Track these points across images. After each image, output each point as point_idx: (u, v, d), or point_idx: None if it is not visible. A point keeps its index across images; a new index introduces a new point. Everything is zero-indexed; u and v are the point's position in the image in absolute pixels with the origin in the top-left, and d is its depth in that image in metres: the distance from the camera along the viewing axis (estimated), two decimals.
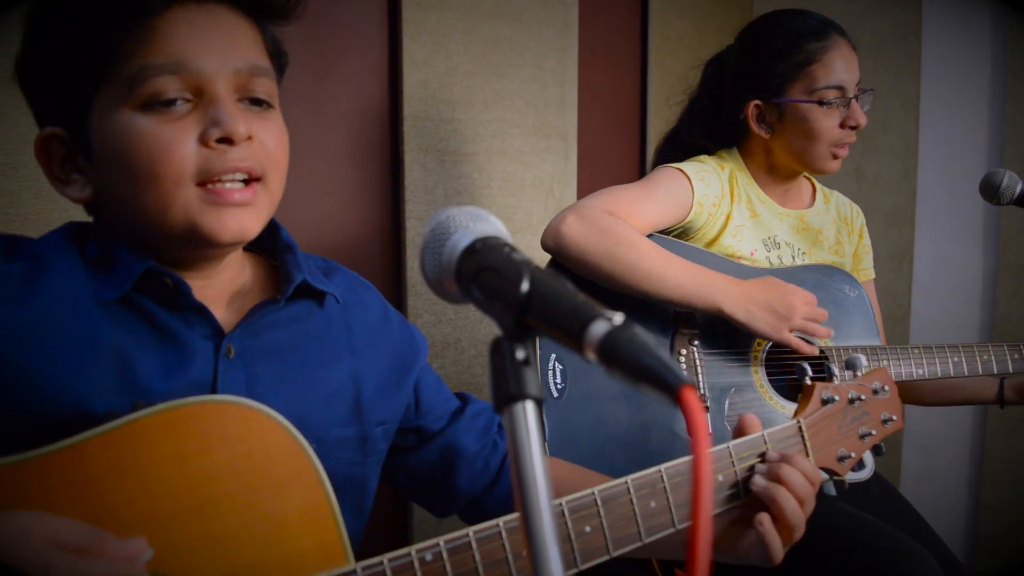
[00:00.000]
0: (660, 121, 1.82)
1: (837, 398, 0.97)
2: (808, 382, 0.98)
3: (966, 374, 1.54)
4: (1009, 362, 1.56)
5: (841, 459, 0.97)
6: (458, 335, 2.12)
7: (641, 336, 0.49)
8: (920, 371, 1.51)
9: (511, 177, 2.22)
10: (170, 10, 0.80)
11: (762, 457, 0.90)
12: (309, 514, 0.76)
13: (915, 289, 2.80)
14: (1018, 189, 1.41)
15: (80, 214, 0.97)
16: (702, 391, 1.41)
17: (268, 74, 0.86)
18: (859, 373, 1.01)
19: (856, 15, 2.82)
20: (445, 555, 0.73)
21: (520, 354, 0.53)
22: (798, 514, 0.88)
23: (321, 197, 1.95)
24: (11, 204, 1.46)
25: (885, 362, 1.48)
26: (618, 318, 0.50)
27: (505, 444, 1.07)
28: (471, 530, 0.76)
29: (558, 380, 1.35)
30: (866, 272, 1.77)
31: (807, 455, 0.95)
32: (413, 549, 0.73)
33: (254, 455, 0.74)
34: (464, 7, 2.08)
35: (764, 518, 0.89)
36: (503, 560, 0.75)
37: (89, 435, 0.70)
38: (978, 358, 1.54)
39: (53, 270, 0.81)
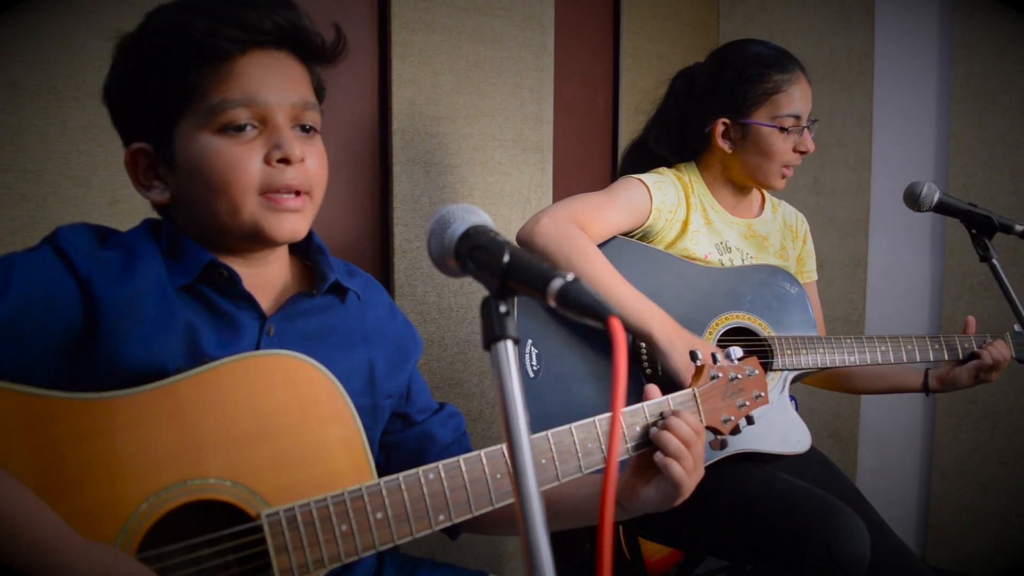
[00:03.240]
0: (631, 135, 1.96)
1: (720, 375, 1.21)
2: (699, 364, 1.22)
3: (892, 362, 1.71)
4: (930, 351, 1.74)
5: (724, 421, 1.21)
6: (442, 334, 2.26)
7: (585, 286, 0.67)
8: (852, 358, 1.68)
9: (491, 187, 2.36)
10: (245, 55, 0.98)
11: (662, 415, 1.12)
12: (345, 442, 0.96)
13: (869, 294, 2.97)
14: (935, 198, 1.59)
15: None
16: (661, 372, 1.58)
17: (315, 107, 1.05)
18: (735, 361, 1.24)
19: (814, 38, 3.02)
20: (442, 474, 0.95)
21: (503, 308, 0.70)
22: (681, 449, 1.06)
23: None
24: (37, 208, 1.59)
25: (822, 350, 1.66)
26: (570, 276, 0.68)
27: (468, 442, 1.25)
28: (460, 458, 0.96)
29: (534, 363, 1.51)
30: (809, 274, 1.94)
31: (699, 415, 1.18)
32: (419, 470, 0.94)
33: (304, 395, 0.94)
34: (448, 30, 2.21)
35: (658, 454, 1.08)
36: (483, 480, 0.96)
37: (181, 377, 0.89)
38: (903, 347, 1.72)
39: (141, 258, 0.98)
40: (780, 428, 1.60)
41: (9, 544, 0.75)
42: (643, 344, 1.59)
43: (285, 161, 0.99)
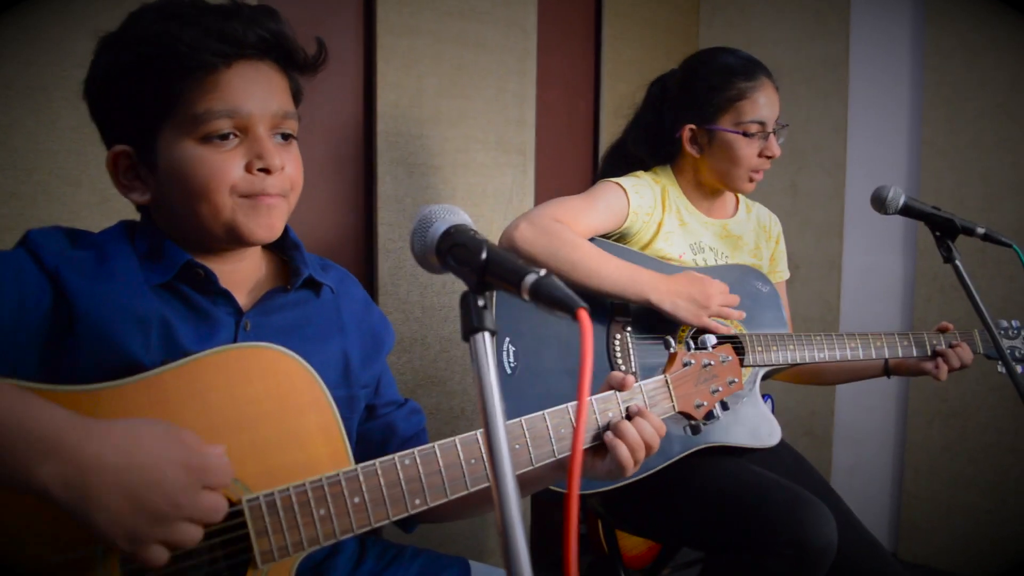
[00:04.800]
0: (611, 139, 2.01)
1: (693, 362, 1.25)
2: (672, 351, 1.26)
3: (861, 358, 1.76)
4: (899, 348, 1.79)
5: (697, 406, 1.25)
6: (424, 332, 2.30)
7: (556, 281, 0.72)
8: (822, 355, 1.73)
9: (474, 188, 2.40)
10: (229, 67, 1.00)
11: (627, 409, 1.16)
12: (323, 430, 0.99)
13: (843, 294, 3.04)
14: (901, 201, 1.64)
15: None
16: (634, 369, 1.63)
17: (294, 116, 1.08)
18: (709, 348, 1.28)
19: (791, 46, 3.09)
20: (418, 460, 0.98)
21: (480, 302, 0.75)
22: (637, 443, 1.12)
23: (301, 204, 2.12)
24: (26, 207, 1.61)
25: (792, 347, 1.71)
26: (543, 271, 0.73)
27: (425, 438, 1.28)
28: (436, 444, 1.00)
29: (511, 359, 1.56)
30: (780, 274, 1.99)
31: (672, 401, 1.22)
32: (395, 456, 0.97)
33: (282, 385, 0.97)
34: (433, 34, 2.25)
35: (609, 434, 1.12)
36: (458, 464, 1.00)
37: (163, 369, 0.92)
38: (872, 344, 1.77)
39: (114, 257, 1.01)
40: (750, 422, 1.66)
41: (32, 448, 0.75)
42: (616, 338, 1.64)
43: (265, 171, 1.02)
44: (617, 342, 1.64)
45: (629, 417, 1.14)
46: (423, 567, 1.24)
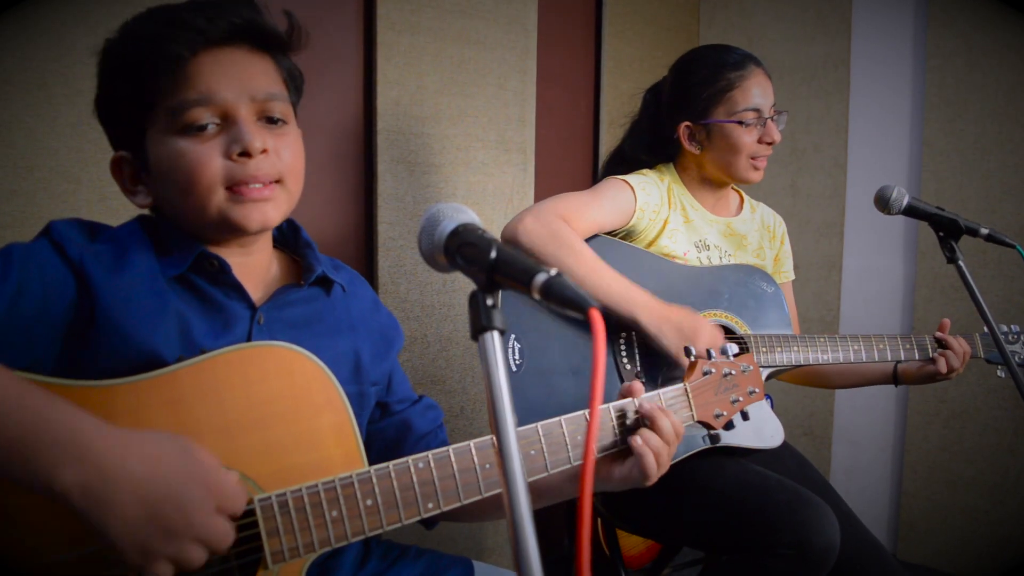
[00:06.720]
0: (611, 138, 2.01)
1: (713, 371, 1.23)
2: (692, 359, 1.24)
3: (864, 360, 1.76)
4: (901, 351, 1.79)
5: (717, 416, 1.23)
6: (424, 331, 2.29)
7: (567, 280, 0.71)
8: (825, 357, 1.73)
9: (474, 186, 2.40)
10: (197, 56, 0.99)
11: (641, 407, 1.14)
12: (337, 430, 0.99)
13: (843, 295, 3.04)
14: (904, 201, 1.64)
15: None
16: (638, 369, 1.62)
17: (281, 98, 1.06)
18: (730, 357, 1.26)
19: (792, 45, 3.08)
20: (432, 463, 0.97)
21: (489, 301, 0.74)
22: (659, 446, 1.11)
23: (301, 202, 2.12)
24: (27, 204, 1.61)
25: (796, 348, 1.71)
26: (553, 271, 0.72)
27: (444, 435, 1.28)
28: (450, 447, 0.99)
29: (516, 357, 1.55)
30: (786, 274, 1.99)
31: (691, 410, 1.21)
32: (409, 459, 0.96)
33: (298, 385, 0.97)
34: (434, 32, 2.25)
35: (638, 439, 1.11)
36: (472, 469, 0.99)
37: (179, 366, 0.91)
38: (875, 346, 1.77)
39: (133, 250, 1.01)
40: (754, 423, 1.64)
41: (56, 451, 0.75)
42: (622, 338, 1.63)
43: (246, 154, 1.00)
44: (623, 341, 1.64)
45: (649, 423, 1.12)
46: (427, 567, 1.23)
